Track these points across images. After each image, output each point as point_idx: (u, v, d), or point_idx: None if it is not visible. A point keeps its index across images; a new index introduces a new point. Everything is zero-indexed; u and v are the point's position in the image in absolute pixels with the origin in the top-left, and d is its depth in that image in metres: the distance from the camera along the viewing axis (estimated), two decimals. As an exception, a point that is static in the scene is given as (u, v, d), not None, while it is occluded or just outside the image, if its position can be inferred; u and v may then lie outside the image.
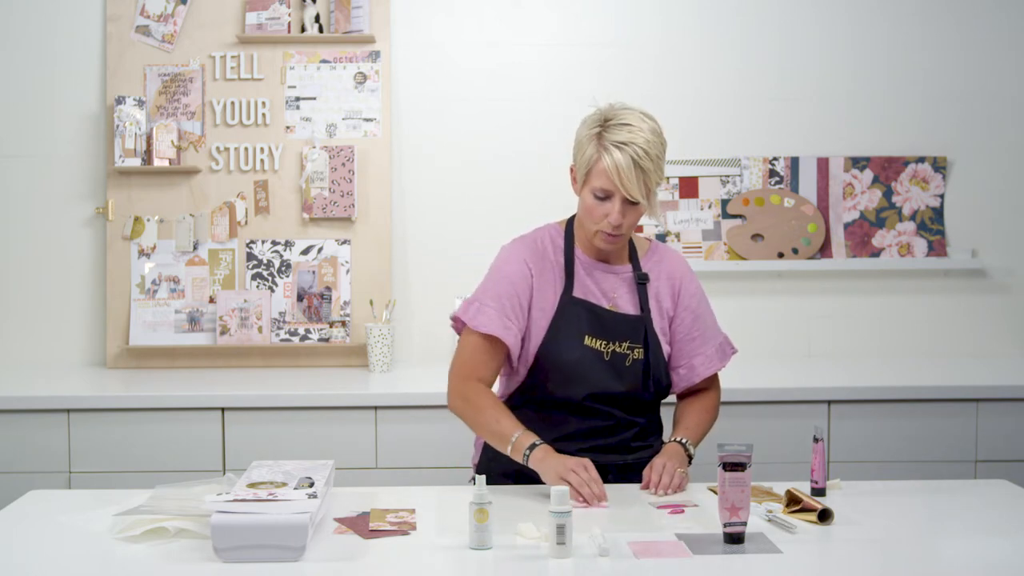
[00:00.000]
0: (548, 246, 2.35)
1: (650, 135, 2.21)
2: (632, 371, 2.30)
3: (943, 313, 3.74)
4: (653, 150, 2.20)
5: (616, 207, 2.21)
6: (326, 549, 1.84)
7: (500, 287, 2.29)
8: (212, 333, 3.56)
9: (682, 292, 2.39)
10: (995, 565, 1.81)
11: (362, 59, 3.62)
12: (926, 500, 2.18)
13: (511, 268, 2.31)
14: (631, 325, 2.31)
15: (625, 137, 2.17)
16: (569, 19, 3.69)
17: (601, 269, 2.34)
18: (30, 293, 3.63)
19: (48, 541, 1.92)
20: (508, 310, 2.27)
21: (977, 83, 3.74)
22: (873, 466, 3.07)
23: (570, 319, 2.28)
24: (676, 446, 2.29)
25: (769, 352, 3.71)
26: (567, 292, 2.30)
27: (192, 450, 3.03)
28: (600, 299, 2.32)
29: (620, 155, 2.16)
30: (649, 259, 2.40)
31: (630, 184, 2.18)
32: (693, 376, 2.39)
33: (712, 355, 2.40)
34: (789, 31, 3.72)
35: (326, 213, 3.58)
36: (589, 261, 2.34)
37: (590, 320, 2.28)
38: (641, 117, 2.24)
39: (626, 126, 2.19)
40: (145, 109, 3.57)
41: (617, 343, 2.29)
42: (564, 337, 2.27)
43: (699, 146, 3.70)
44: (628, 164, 2.17)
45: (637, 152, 2.17)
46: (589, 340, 2.28)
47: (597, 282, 2.33)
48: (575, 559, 1.78)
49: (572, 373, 2.27)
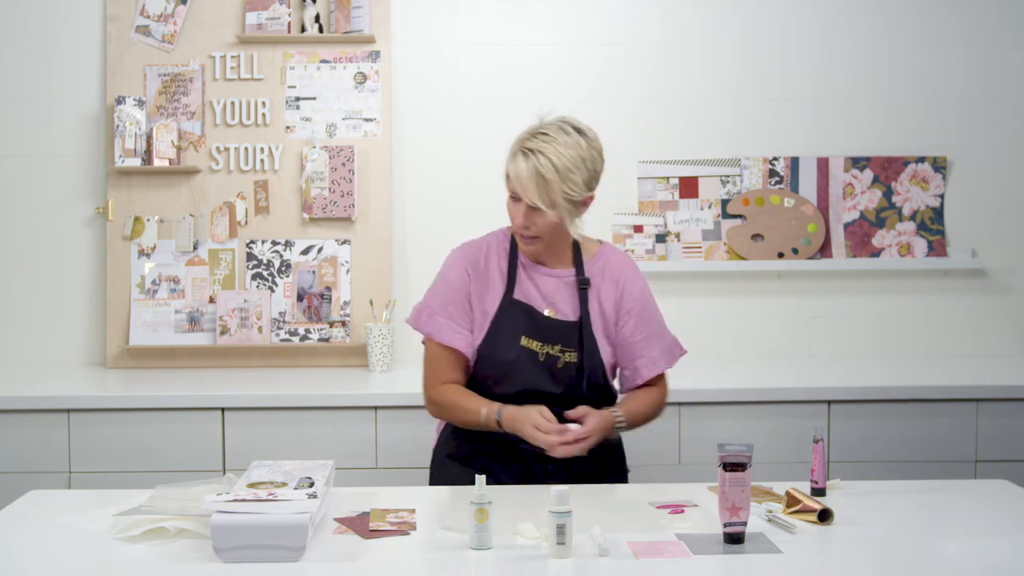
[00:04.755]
0: (492, 250, 2.42)
1: (564, 148, 2.25)
2: (565, 373, 2.35)
3: (943, 313, 3.74)
4: (562, 162, 2.24)
5: (521, 209, 2.28)
6: (326, 549, 1.84)
7: (444, 294, 2.40)
8: (212, 333, 3.56)
9: (625, 296, 2.42)
10: (995, 565, 1.81)
11: (362, 59, 3.62)
12: (926, 500, 2.18)
13: (452, 275, 2.41)
14: (565, 330, 2.36)
15: (535, 145, 2.24)
16: (569, 19, 3.70)
17: (542, 272, 2.39)
18: (30, 293, 3.63)
19: (48, 541, 1.91)
20: (456, 317, 2.38)
21: (977, 83, 3.74)
22: (873, 466, 3.07)
23: (509, 320, 2.35)
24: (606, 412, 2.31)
25: (769, 352, 3.71)
26: (508, 294, 2.37)
27: (192, 450, 3.03)
28: (540, 302, 2.38)
29: (523, 162, 2.24)
30: (595, 263, 2.43)
31: (529, 191, 2.24)
32: (636, 378, 2.43)
33: (657, 357, 2.43)
34: (789, 31, 3.72)
35: (326, 213, 3.58)
36: (531, 265, 2.39)
37: (527, 322, 2.35)
38: (564, 131, 2.28)
39: (542, 135, 2.26)
40: (145, 109, 3.57)
41: (551, 346, 2.34)
42: (503, 337, 2.34)
43: (699, 146, 3.70)
44: (529, 172, 2.23)
45: (541, 161, 2.23)
46: (526, 341, 2.34)
47: (538, 285, 2.38)
48: (575, 559, 1.78)
49: (508, 371, 2.34)
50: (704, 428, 3.08)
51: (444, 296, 2.40)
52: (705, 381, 3.21)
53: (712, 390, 3.12)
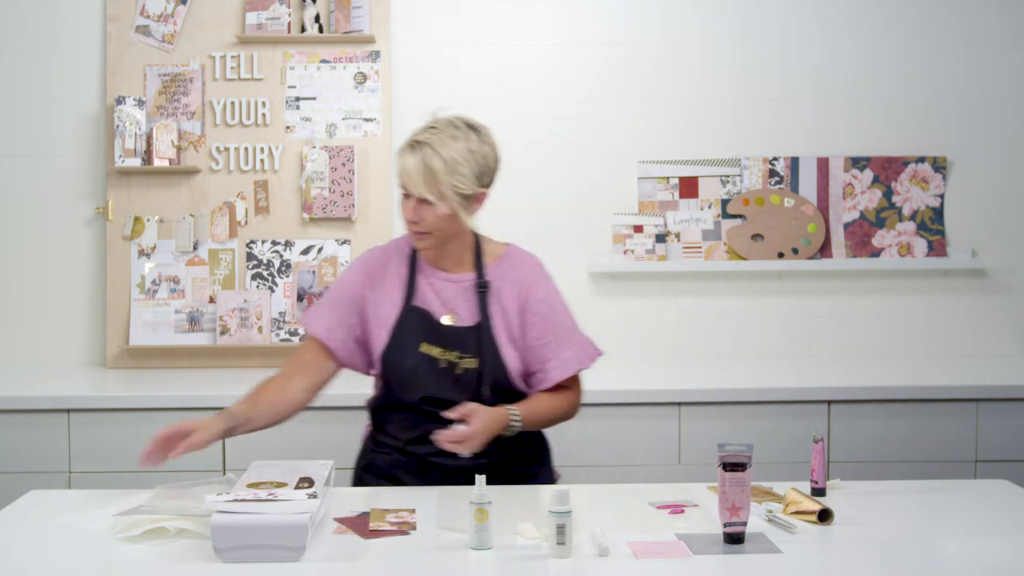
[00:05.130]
0: (393, 257, 2.38)
1: (452, 141, 2.23)
2: (465, 379, 2.30)
3: (943, 313, 3.74)
4: (450, 154, 2.21)
5: (410, 203, 2.25)
6: (326, 549, 1.84)
7: (338, 293, 2.38)
8: (212, 333, 3.56)
9: (530, 298, 2.35)
10: (995, 565, 1.81)
11: (362, 59, 3.62)
12: (926, 500, 2.17)
13: (350, 276, 2.39)
14: (462, 336, 2.31)
15: (423, 138, 2.23)
16: (569, 19, 3.70)
17: (441, 278, 2.35)
18: (30, 293, 3.63)
19: (48, 541, 1.91)
20: (341, 315, 2.34)
21: (977, 83, 3.74)
22: (873, 466, 3.07)
23: (408, 327, 2.31)
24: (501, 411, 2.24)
25: (769, 352, 3.71)
26: (408, 301, 2.33)
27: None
28: (439, 308, 2.33)
29: (410, 155, 2.23)
30: (498, 266, 2.37)
31: (416, 183, 2.21)
32: (546, 380, 2.35)
33: (568, 359, 2.34)
34: (789, 31, 3.72)
35: (326, 213, 3.58)
36: (431, 270, 2.35)
37: (426, 328, 2.31)
38: (455, 125, 2.27)
39: (431, 129, 2.25)
40: (145, 109, 3.57)
41: (450, 352, 2.30)
42: (402, 345, 2.31)
43: (699, 146, 3.70)
44: (416, 164, 2.21)
45: (427, 153, 2.21)
46: (426, 347, 2.30)
47: (437, 291, 2.34)
48: (575, 559, 1.78)
49: (409, 379, 2.30)
50: (704, 428, 3.08)
51: (336, 295, 2.37)
52: (705, 381, 3.22)
53: (712, 390, 3.12)
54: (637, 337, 3.69)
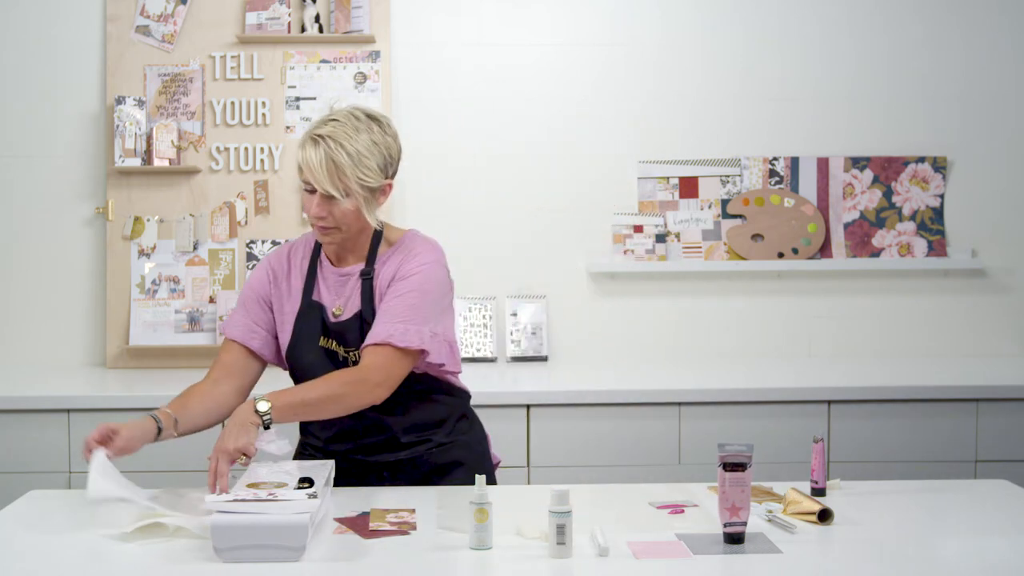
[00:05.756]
0: (298, 253, 2.35)
1: (355, 133, 2.15)
2: None
3: (943, 313, 3.74)
4: (354, 147, 2.14)
5: (315, 199, 2.17)
6: (326, 549, 1.84)
7: (246, 293, 2.35)
8: (212, 333, 3.56)
9: (399, 271, 2.25)
10: (995, 565, 1.81)
11: (362, 59, 3.62)
12: (926, 500, 2.17)
13: (256, 275, 2.36)
14: (345, 328, 2.26)
15: (324, 131, 2.15)
16: (569, 19, 3.70)
17: (334, 272, 2.30)
18: (30, 293, 3.63)
19: (48, 541, 1.91)
20: (253, 314, 2.32)
21: (977, 83, 3.74)
22: (873, 466, 3.07)
23: (308, 322, 2.28)
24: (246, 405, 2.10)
25: (769, 352, 3.71)
26: (306, 296, 2.30)
27: (192, 450, 3.02)
28: (332, 303, 2.29)
29: (313, 149, 2.14)
30: (387, 254, 2.28)
31: (321, 179, 2.13)
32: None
33: (379, 331, 2.17)
34: (789, 31, 3.72)
35: (326, 213, 3.58)
36: (327, 266, 2.31)
37: (322, 323, 2.28)
38: (355, 116, 2.18)
39: (330, 122, 2.17)
40: (145, 109, 3.57)
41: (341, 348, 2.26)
42: (303, 340, 2.28)
43: (699, 146, 3.70)
44: (319, 159, 2.13)
45: (331, 147, 2.13)
46: (324, 341, 2.27)
47: (330, 287, 2.30)
48: (575, 559, 1.78)
49: (311, 374, 2.23)
50: (704, 428, 3.08)
51: (246, 295, 2.35)
52: (705, 381, 3.22)
53: (712, 390, 3.12)
54: (637, 337, 3.69)
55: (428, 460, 2.29)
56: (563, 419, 3.06)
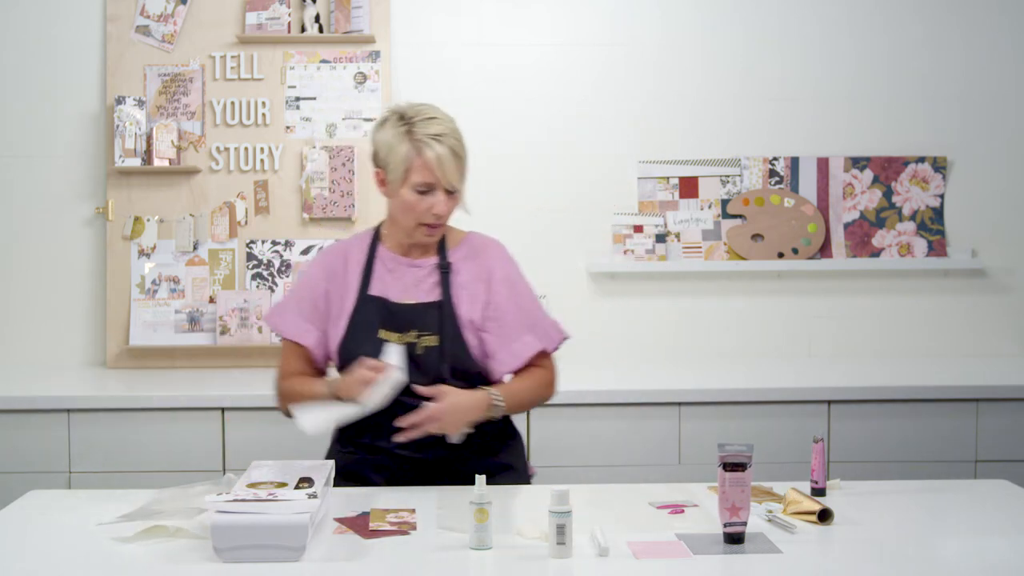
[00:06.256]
0: (354, 250, 2.40)
1: (454, 124, 2.30)
2: (425, 358, 2.28)
3: (943, 313, 3.74)
4: (462, 139, 2.30)
5: (440, 198, 2.26)
6: (326, 549, 1.84)
7: (299, 292, 2.40)
8: (212, 333, 3.56)
9: (492, 279, 2.36)
10: (995, 565, 1.81)
11: (362, 59, 3.62)
12: (926, 500, 2.17)
13: (310, 275, 2.41)
14: (420, 313, 2.31)
15: (438, 129, 2.25)
16: (569, 19, 3.70)
17: (404, 264, 2.36)
18: (30, 293, 3.63)
19: (48, 541, 1.92)
20: (308, 313, 2.36)
21: (977, 83, 3.74)
22: (873, 466, 3.07)
23: (365, 316, 2.32)
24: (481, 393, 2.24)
25: (769, 352, 3.71)
26: (363, 291, 2.34)
27: (192, 450, 3.03)
28: (400, 294, 2.34)
29: (440, 147, 2.24)
30: (459, 250, 2.40)
31: (452, 174, 2.25)
32: (514, 361, 2.34)
33: (530, 341, 2.34)
34: (789, 31, 3.72)
35: (326, 213, 3.58)
36: (393, 258, 2.37)
37: (383, 315, 2.31)
38: (438, 109, 2.32)
39: (434, 120, 2.27)
40: (145, 109, 3.57)
41: (408, 333, 2.30)
42: (359, 334, 2.31)
43: (699, 146, 3.70)
44: (448, 155, 2.24)
45: (453, 143, 2.26)
46: (384, 334, 2.30)
47: (398, 278, 2.35)
48: (575, 559, 1.78)
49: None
50: (704, 428, 3.08)
51: (298, 294, 2.40)
52: (705, 381, 3.22)
53: (712, 390, 3.12)
54: (637, 337, 3.69)
55: (479, 461, 2.30)
56: (563, 419, 3.06)
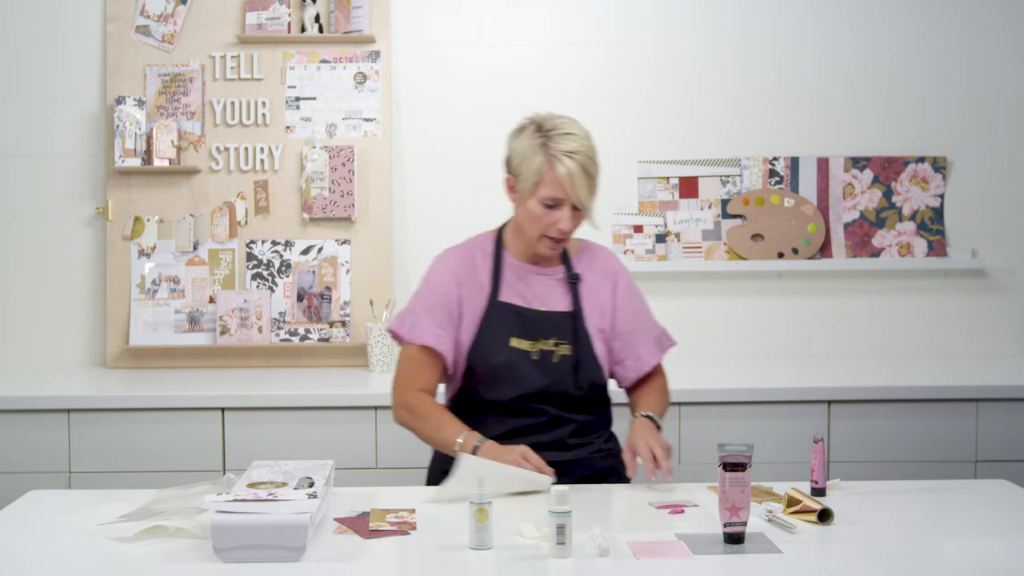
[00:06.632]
0: (478, 254, 2.40)
1: (590, 141, 2.28)
2: (560, 368, 2.32)
3: (943, 313, 3.74)
4: (596, 157, 2.28)
5: (566, 214, 2.26)
6: (326, 549, 1.84)
7: (430, 298, 2.36)
8: (212, 333, 3.56)
9: (617, 288, 2.42)
10: (995, 565, 1.81)
11: (362, 59, 3.62)
12: (926, 500, 2.17)
13: (439, 279, 2.38)
14: (556, 321, 2.34)
15: (573, 146, 2.24)
16: (569, 19, 3.70)
17: (533, 272, 2.37)
18: (30, 293, 3.63)
19: (48, 541, 1.91)
20: (441, 320, 2.34)
21: (977, 83, 3.74)
22: (873, 466, 3.07)
23: (496, 322, 2.32)
24: (644, 420, 2.31)
25: (769, 352, 3.71)
26: (493, 297, 2.34)
27: (192, 450, 3.03)
28: (530, 301, 2.35)
29: (572, 164, 2.23)
30: (581, 258, 2.42)
31: (581, 192, 2.24)
32: (642, 365, 2.41)
33: (654, 347, 2.43)
34: (789, 31, 3.72)
35: (326, 213, 3.58)
36: (520, 265, 2.37)
37: (516, 321, 2.32)
38: (577, 124, 2.30)
39: (570, 135, 2.26)
40: (145, 109, 3.57)
41: (543, 340, 2.32)
42: (491, 340, 2.31)
43: (699, 146, 3.70)
44: (580, 172, 2.23)
45: (586, 161, 2.24)
46: (516, 341, 2.31)
47: (528, 285, 2.36)
48: (575, 559, 1.78)
49: (500, 375, 2.30)
50: (704, 428, 3.08)
51: (430, 300, 2.35)
52: (705, 381, 3.22)
53: (712, 390, 3.12)
54: (637, 337, 3.69)
55: (589, 464, 2.32)
56: (563, 419, 3.06)
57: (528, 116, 2.35)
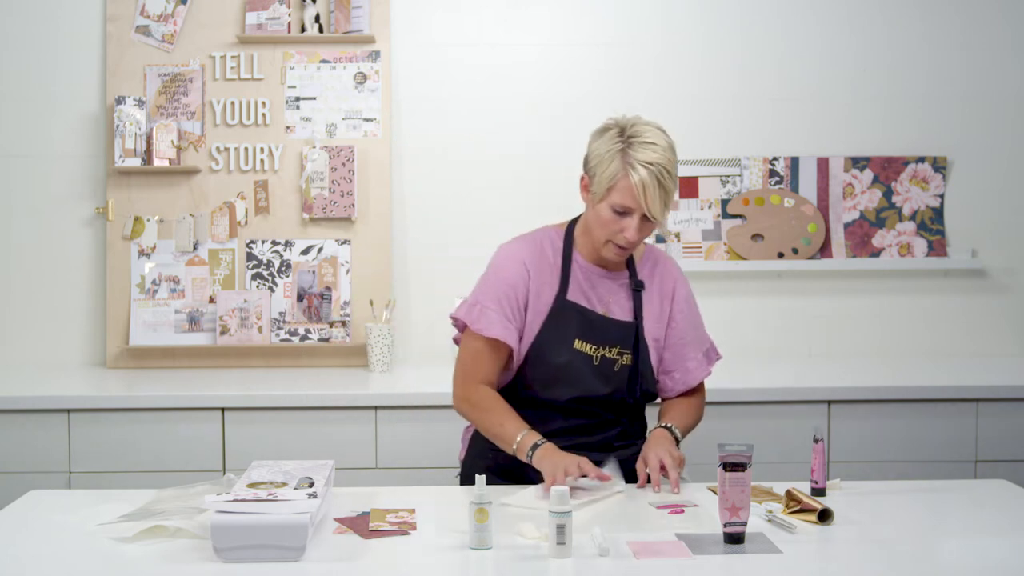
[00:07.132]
0: (548, 248, 2.37)
1: (670, 153, 2.23)
2: (619, 376, 2.33)
3: (943, 313, 3.74)
4: (673, 169, 2.23)
5: (635, 224, 2.22)
6: (326, 549, 1.84)
7: (499, 289, 2.32)
8: (212, 333, 3.56)
9: (676, 297, 2.42)
10: (995, 565, 1.81)
11: (362, 59, 3.62)
12: (926, 500, 2.17)
13: (510, 270, 2.33)
14: (623, 331, 2.33)
15: (651, 157, 2.19)
16: (569, 19, 3.70)
17: (598, 274, 2.35)
18: (30, 293, 3.63)
19: (48, 541, 1.91)
20: (508, 312, 2.30)
21: (977, 83, 3.74)
22: (873, 466, 3.07)
23: (562, 322, 2.30)
24: (663, 431, 2.32)
25: (769, 352, 3.71)
26: (561, 295, 2.32)
27: (192, 450, 3.03)
28: (595, 304, 2.34)
29: (647, 175, 2.18)
30: (644, 265, 2.41)
31: (653, 203, 2.20)
32: (689, 379, 2.43)
33: (703, 360, 2.45)
34: (789, 31, 3.72)
35: (326, 213, 3.58)
36: (587, 266, 2.35)
37: (581, 324, 2.30)
38: (660, 134, 2.25)
39: (651, 145, 2.21)
40: (145, 109, 3.57)
41: (607, 348, 2.31)
42: (554, 339, 2.30)
43: (699, 146, 3.70)
44: (654, 184, 2.18)
45: (662, 172, 2.19)
46: (579, 344, 2.30)
47: (594, 287, 2.35)
48: (575, 559, 1.78)
49: (559, 376, 2.30)
50: (704, 428, 3.07)
51: (498, 291, 2.31)
52: (705, 381, 3.21)
53: (712, 390, 3.08)
54: (637, 337, 3.69)
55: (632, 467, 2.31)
56: (563, 419, 3.06)
57: (613, 117, 2.31)
